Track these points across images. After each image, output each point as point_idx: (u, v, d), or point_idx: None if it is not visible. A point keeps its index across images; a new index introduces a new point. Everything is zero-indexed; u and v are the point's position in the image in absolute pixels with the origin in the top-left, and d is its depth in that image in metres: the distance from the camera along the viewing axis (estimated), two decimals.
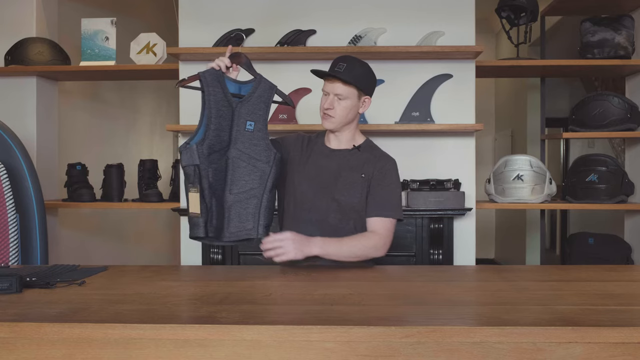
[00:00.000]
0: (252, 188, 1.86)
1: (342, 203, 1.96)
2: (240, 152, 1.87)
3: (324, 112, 1.96)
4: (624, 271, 1.86)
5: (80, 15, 3.42)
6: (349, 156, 2.01)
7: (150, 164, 3.33)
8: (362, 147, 2.03)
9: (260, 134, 1.89)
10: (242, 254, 3.00)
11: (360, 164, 1.99)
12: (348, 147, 2.03)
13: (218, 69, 1.86)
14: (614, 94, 3.30)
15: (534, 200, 3.13)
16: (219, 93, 1.84)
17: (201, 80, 1.83)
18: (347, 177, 1.98)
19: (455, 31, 3.06)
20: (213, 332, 1.15)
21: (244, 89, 1.90)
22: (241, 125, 1.87)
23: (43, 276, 1.63)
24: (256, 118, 1.89)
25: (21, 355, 1.17)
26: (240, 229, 1.86)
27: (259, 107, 1.90)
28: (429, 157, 3.10)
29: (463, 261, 3.06)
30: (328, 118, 1.96)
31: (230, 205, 1.86)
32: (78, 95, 4.12)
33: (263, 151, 1.88)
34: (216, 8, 3.13)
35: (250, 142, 1.87)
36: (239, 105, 1.87)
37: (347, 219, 1.97)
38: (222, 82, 1.85)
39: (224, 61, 1.88)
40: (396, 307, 1.36)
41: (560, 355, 1.12)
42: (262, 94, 1.90)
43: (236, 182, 1.86)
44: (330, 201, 1.97)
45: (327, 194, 1.97)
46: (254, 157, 1.87)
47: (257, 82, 1.91)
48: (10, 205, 2.41)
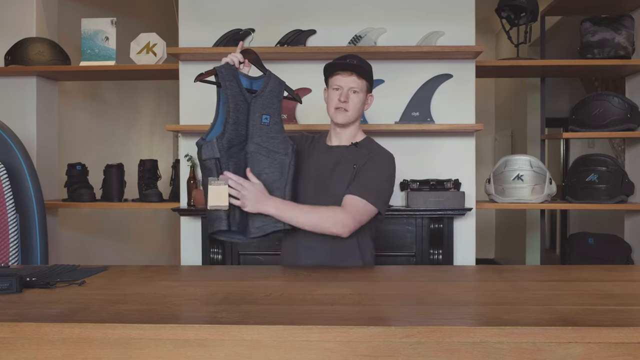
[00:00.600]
0: (274, 180, 1.87)
1: (338, 199, 1.91)
2: (259, 146, 1.88)
3: (337, 106, 1.95)
4: (624, 271, 1.85)
5: (80, 15, 3.42)
6: (345, 152, 2.01)
7: (150, 164, 3.33)
8: (360, 144, 2.03)
9: (277, 127, 1.90)
10: (242, 254, 3.00)
11: (355, 158, 1.98)
12: (347, 144, 2.03)
13: (232, 64, 1.87)
14: (614, 94, 3.30)
15: (534, 200, 3.13)
16: (235, 87, 1.85)
17: (217, 74, 1.84)
18: (340, 171, 1.97)
19: (455, 31, 3.06)
20: (213, 332, 1.15)
21: (256, 84, 1.91)
22: (257, 119, 1.88)
23: (43, 276, 1.63)
24: (271, 112, 1.90)
25: (21, 355, 1.17)
26: (265, 223, 1.85)
27: (272, 101, 1.91)
28: (429, 157, 3.10)
29: (463, 261, 3.06)
30: (342, 112, 1.95)
31: None
32: (78, 95, 4.12)
33: (281, 143, 1.89)
34: (216, 8, 3.13)
35: (268, 135, 1.89)
36: (253, 100, 1.89)
37: None
38: (236, 76, 1.87)
39: (237, 56, 1.90)
40: (396, 307, 1.36)
41: (560, 355, 1.12)
42: (273, 88, 1.92)
43: (257, 177, 1.86)
44: (328, 197, 1.94)
45: (324, 190, 1.97)
46: (273, 149, 1.88)
47: (267, 77, 1.93)
48: (10, 205, 2.41)
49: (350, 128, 2.02)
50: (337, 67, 1.96)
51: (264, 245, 2.82)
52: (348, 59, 1.96)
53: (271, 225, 1.85)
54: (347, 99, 1.94)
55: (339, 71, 1.95)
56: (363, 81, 1.96)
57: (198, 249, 3.04)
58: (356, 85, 1.94)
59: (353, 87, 1.94)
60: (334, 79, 1.97)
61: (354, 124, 2.01)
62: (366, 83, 1.97)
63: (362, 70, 1.94)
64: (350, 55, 1.98)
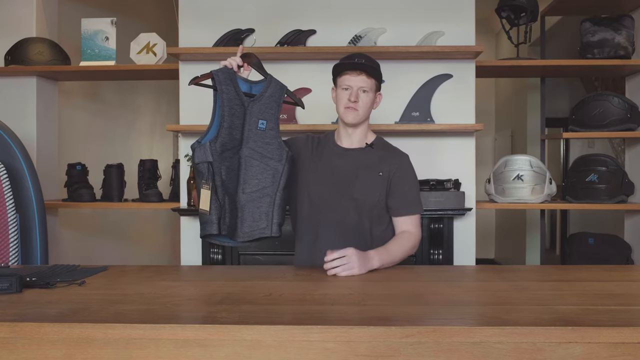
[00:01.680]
0: (265, 187, 1.87)
1: (360, 202, 1.97)
2: (253, 151, 1.87)
3: (347, 106, 1.95)
4: (624, 271, 1.86)
5: (80, 15, 3.42)
6: (363, 155, 2.02)
7: (150, 164, 3.33)
8: (374, 144, 2.04)
9: (273, 133, 1.89)
10: (242, 254, 3.00)
11: (376, 162, 2.00)
12: (361, 145, 2.03)
13: (230, 68, 1.87)
14: (614, 94, 3.30)
15: (534, 200, 3.13)
16: (232, 91, 1.84)
17: (214, 78, 1.84)
18: (365, 176, 1.98)
19: (455, 31, 3.06)
20: (213, 332, 1.15)
21: (255, 89, 1.91)
22: (253, 124, 1.88)
23: (43, 276, 1.63)
24: (268, 117, 1.89)
25: (21, 355, 1.17)
26: (253, 229, 1.86)
27: (271, 106, 1.90)
28: (429, 157, 3.10)
29: (463, 261, 3.06)
30: (353, 111, 1.95)
31: (243, 205, 1.86)
32: (78, 95, 4.12)
33: (275, 150, 1.88)
34: (216, 8, 3.13)
35: (263, 141, 1.88)
36: (251, 104, 1.88)
37: (365, 218, 1.98)
38: (234, 80, 1.86)
39: (236, 60, 1.89)
40: (396, 307, 1.36)
41: (560, 355, 1.12)
42: (273, 93, 1.91)
43: (249, 181, 1.86)
44: (349, 201, 1.97)
45: (345, 194, 1.97)
46: (267, 155, 1.88)
47: (267, 81, 1.92)
48: (10, 205, 2.41)
49: (361, 128, 2.02)
50: (346, 66, 1.95)
51: (264, 245, 2.80)
52: (356, 58, 1.95)
53: (258, 232, 1.86)
54: (357, 99, 1.94)
55: (348, 70, 1.95)
56: (372, 80, 1.96)
57: (198, 249, 3.04)
58: (365, 85, 1.94)
59: (363, 87, 1.94)
60: (343, 78, 1.96)
61: (364, 123, 2.02)
62: (375, 82, 1.97)
63: (372, 70, 1.94)
64: (359, 54, 1.98)
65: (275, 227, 1.86)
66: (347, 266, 1.72)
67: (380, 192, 1.97)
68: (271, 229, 1.86)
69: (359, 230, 1.97)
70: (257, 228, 1.86)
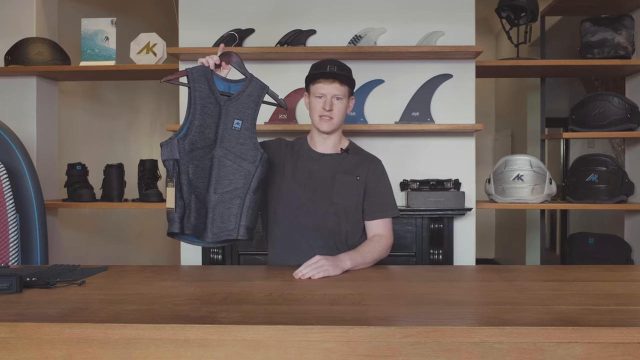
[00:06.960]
0: (236, 188, 1.83)
1: (339, 206, 1.99)
2: (227, 151, 1.84)
3: (322, 115, 1.97)
4: (624, 271, 1.86)
5: (80, 15, 3.42)
6: (339, 160, 2.05)
7: (150, 164, 3.33)
8: (349, 149, 2.08)
9: (248, 133, 1.86)
10: (242, 254, 3.00)
11: (352, 167, 2.04)
12: (336, 150, 2.06)
13: (207, 66, 1.86)
14: (614, 94, 3.30)
15: (534, 200, 3.13)
16: (205, 90, 1.82)
17: (188, 76, 1.82)
18: (342, 180, 2.01)
19: (455, 31, 3.06)
20: (213, 332, 1.15)
21: (234, 88, 1.88)
22: (228, 123, 1.85)
23: (43, 276, 1.63)
24: (244, 117, 1.86)
25: (21, 355, 1.17)
26: (222, 230, 1.82)
27: (248, 105, 1.87)
28: (429, 157, 3.10)
29: (463, 261, 3.06)
30: (328, 120, 1.97)
31: (214, 205, 1.82)
32: (78, 95, 4.12)
33: (249, 150, 1.85)
34: (216, 8, 3.13)
35: (237, 141, 1.85)
36: (227, 103, 1.85)
37: (343, 222, 2.00)
38: (209, 79, 1.84)
39: (213, 58, 1.87)
40: (396, 307, 1.36)
41: (560, 355, 1.12)
42: (252, 92, 1.88)
43: (221, 182, 1.83)
44: (328, 205, 1.99)
45: (323, 198, 1.99)
46: (240, 156, 1.84)
47: (247, 81, 1.89)
48: (10, 205, 2.41)
49: (335, 133, 2.05)
50: (320, 75, 1.96)
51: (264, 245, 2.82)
52: (328, 65, 1.96)
53: (226, 233, 1.82)
54: (332, 107, 1.95)
55: (321, 79, 1.96)
56: (345, 87, 1.97)
57: (198, 249, 3.04)
58: (339, 92, 1.96)
59: (336, 94, 1.96)
60: (316, 86, 1.97)
61: (339, 129, 2.05)
62: (348, 88, 1.99)
63: (344, 78, 1.95)
64: (330, 61, 1.98)
65: (243, 230, 1.81)
66: (319, 268, 1.70)
67: (358, 196, 2.01)
68: (238, 231, 1.81)
69: (337, 234, 1.99)
70: (225, 229, 1.82)
